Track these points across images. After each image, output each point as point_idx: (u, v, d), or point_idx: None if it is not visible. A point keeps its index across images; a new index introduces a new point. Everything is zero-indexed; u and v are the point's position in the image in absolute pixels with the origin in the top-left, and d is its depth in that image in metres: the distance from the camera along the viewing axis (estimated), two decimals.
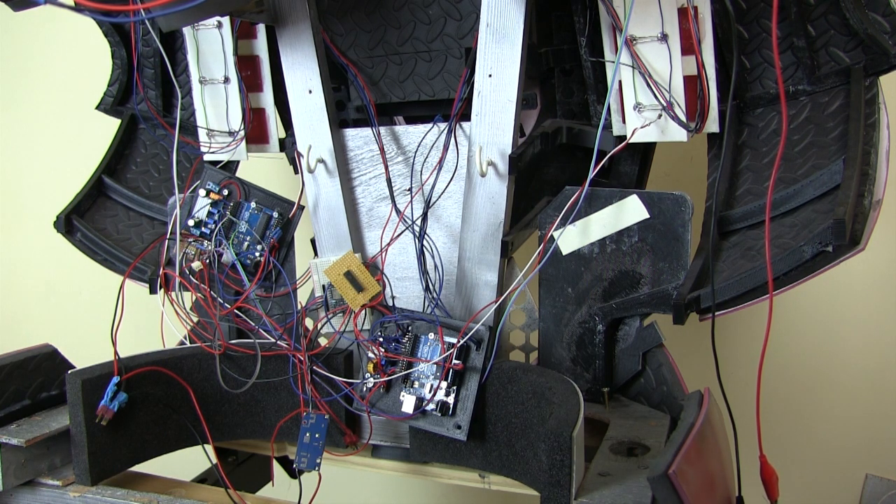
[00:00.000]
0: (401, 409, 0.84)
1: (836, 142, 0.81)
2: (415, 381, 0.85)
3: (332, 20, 0.93)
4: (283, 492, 0.98)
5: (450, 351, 0.82)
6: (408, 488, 1.71)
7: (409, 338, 0.85)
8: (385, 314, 0.86)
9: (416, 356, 0.84)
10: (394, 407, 0.84)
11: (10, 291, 1.90)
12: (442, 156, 0.89)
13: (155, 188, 1.13)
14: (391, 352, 0.85)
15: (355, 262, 0.84)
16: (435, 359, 0.83)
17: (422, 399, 0.84)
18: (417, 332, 0.85)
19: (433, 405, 0.83)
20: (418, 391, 0.84)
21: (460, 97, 0.87)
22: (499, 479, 0.87)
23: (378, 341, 0.85)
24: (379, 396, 0.85)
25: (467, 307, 0.89)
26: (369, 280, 0.84)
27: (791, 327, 1.36)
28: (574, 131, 0.93)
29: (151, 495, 0.81)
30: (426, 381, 0.84)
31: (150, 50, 1.09)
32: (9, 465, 0.81)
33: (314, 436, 0.85)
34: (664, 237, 0.83)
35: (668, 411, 0.85)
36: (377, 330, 0.86)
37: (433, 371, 0.84)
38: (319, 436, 0.85)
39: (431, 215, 0.90)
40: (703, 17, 0.81)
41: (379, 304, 0.86)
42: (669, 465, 0.59)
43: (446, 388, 0.83)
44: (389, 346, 0.85)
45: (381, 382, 0.84)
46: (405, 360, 0.84)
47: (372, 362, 0.85)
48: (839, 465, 1.37)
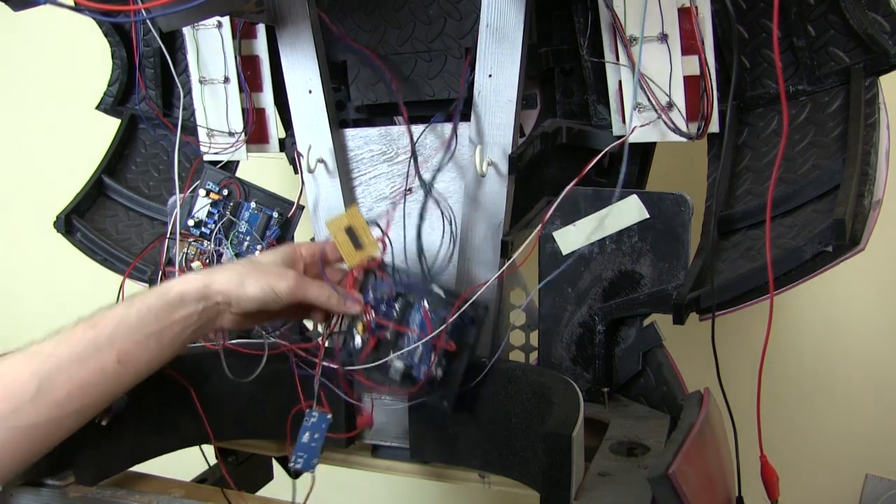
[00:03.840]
0: (388, 373, 0.80)
1: (837, 142, 0.81)
2: (403, 346, 0.80)
3: (331, 20, 0.93)
4: (284, 491, 0.98)
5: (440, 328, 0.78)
6: (408, 488, 1.71)
7: (401, 303, 0.80)
8: (382, 278, 0.81)
9: (407, 323, 0.80)
10: (380, 368, 0.80)
11: (11, 291, 1.90)
12: (444, 156, 0.89)
13: (155, 188, 1.13)
14: (381, 316, 0.80)
15: (359, 220, 0.79)
16: (423, 332, 0.79)
17: (410, 367, 0.79)
18: (411, 299, 0.80)
19: (420, 375, 0.79)
20: (408, 359, 0.80)
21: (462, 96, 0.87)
22: (499, 479, 0.87)
23: (369, 303, 0.80)
24: (370, 360, 0.80)
25: None
26: (370, 239, 0.79)
27: (791, 327, 1.36)
28: (574, 131, 0.93)
29: (151, 495, 0.81)
30: (414, 350, 0.79)
31: (150, 50, 1.09)
32: None
33: (314, 436, 0.84)
34: (664, 237, 0.83)
35: (668, 411, 0.85)
36: (370, 291, 0.81)
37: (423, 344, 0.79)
38: (319, 436, 0.84)
39: (430, 215, 0.90)
40: (703, 17, 0.81)
41: (376, 266, 0.81)
42: (669, 465, 0.59)
43: (437, 360, 0.79)
44: (379, 309, 0.80)
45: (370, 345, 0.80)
46: (393, 327, 0.80)
47: (362, 323, 0.80)
48: (839, 465, 1.37)
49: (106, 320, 0.70)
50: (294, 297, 0.74)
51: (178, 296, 0.72)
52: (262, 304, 0.74)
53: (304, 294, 0.75)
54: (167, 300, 0.72)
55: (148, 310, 0.71)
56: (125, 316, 0.71)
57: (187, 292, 0.72)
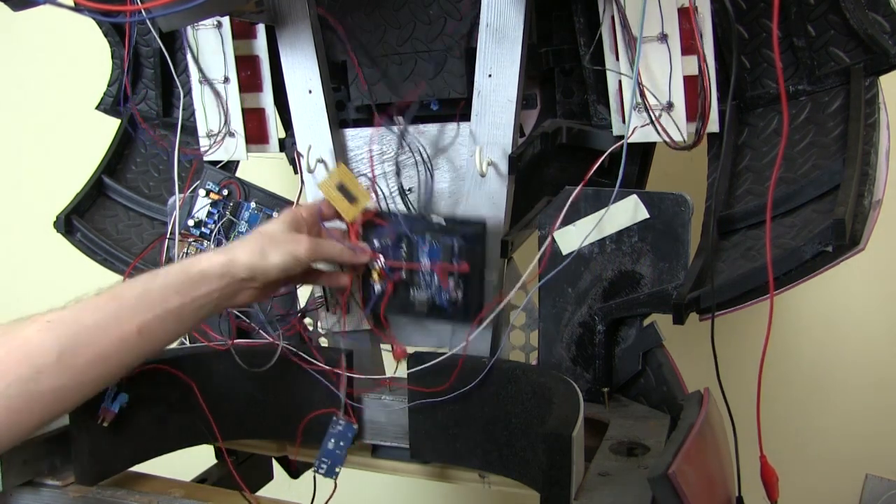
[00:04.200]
0: (414, 308, 0.86)
1: (837, 142, 0.81)
2: (420, 281, 0.87)
3: (331, 20, 0.93)
4: (283, 491, 0.97)
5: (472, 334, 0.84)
6: (408, 488, 1.71)
7: (406, 242, 0.86)
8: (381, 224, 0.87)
9: (417, 259, 0.86)
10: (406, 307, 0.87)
11: (11, 291, 1.90)
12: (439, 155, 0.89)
13: (155, 188, 1.13)
14: (391, 259, 0.86)
15: (347, 175, 0.85)
16: (435, 259, 0.85)
17: (432, 297, 0.86)
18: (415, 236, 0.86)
19: (443, 301, 0.85)
20: (426, 291, 0.86)
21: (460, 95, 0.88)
22: (499, 479, 0.87)
23: (376, 250, 0.86)
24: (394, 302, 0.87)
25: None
26: (360, 190, 0.85)
27: (791, 327, 1.36)
28: (574, 131, 0.93)
29: (151, 495, 0.81)
30: (431, 280, 0.86)
31: (150, 50, 1.09)
32: (9, 465, 0.81)
33: (339, 443, 0.85)
34: (664, 237, 0.83)
35: (668, 411, 0.85)
36: (374, 240, 0.86)
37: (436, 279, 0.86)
38: (344, 444, 0.85)
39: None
40: (703, 17, 0.81)
41: (373, 214, 0.86)
42: (669, 465, 0.59)
43: (454, 284, 0.85)
44: (388, 253, 0.86)
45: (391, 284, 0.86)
46: (405, 266, 0.86)
47: (375, 270, 0.86)
48: (839, 465, 1.37)
49: (130, 291, 0.71)
50: (313, 259, 0.78)
51: (200, 273, 0.73)
52: (285, 271, 0.76)
53: (321, 254, 0.79)
54: (190, 276, 0.73)
55: (170, 285, 0.72)
56: (148, 289, 0.71)
57: (210, 269, 0.73)
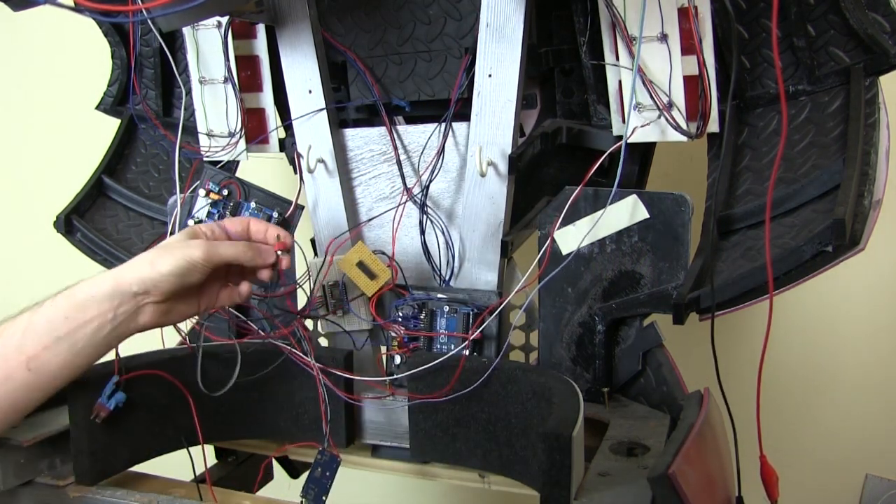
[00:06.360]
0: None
1: (837, 142, 0.81)
2: (436, 348, 0.91)
3: (331, 20, 0.93)
4: (283, 492, 0.98)
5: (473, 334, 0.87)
6: (408, 488, 1.71)
7: (425, 313, 0.90)
8: (402, 295, 0.92)
9: (435, 329, 0.90)
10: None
11: (11, 291, 1.90)
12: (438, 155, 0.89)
13: (155, 188, 1.13)
14: (411, 329, 0.91)
15: (366, 252, 0.88)
16: (453, 330, 0.89)
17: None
18: (433, 308, 0.90)
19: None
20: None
21: (457, 95, 0.87)
22: (499, 479, 0.87)
23: (398, 322, 0.91)
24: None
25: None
26: (380, 267, 0.88)
27: (791, 327, 1.36)
28: (574, 131, 0.93)
29: (151, 495, 0.81)
30: (446, 348, 0.90)
31: (150, 50, 1.09)
32: (9, 464, 0.81)
33: (325, 473, 0.85)
34: (664, 237, 0.83)
35: (668, 411, 0.85)
36: (394, 311, 0.92)
37: (453, 340, 0.89)
38: (330, 474, 0.86)
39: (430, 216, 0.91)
40: (703, 17, 0.81)
41: (392, 287, 0.91)
42: (669, 465, 0.59)
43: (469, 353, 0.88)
44: (409, 324, 0.91)
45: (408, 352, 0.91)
46: (424, 335, 0.90)
47: (396, 340, 0.92)
48: (839, 465, 1.37)
49: (11, 328, 0.69)
50: (210, 261, 0.73)
51: (87, 296, 0.70)
52: (180, 278, 0.71)
53: (217, 254, 0.73)
54: (76, 301, 0.70)
55: (56, 313, 0.69)
56: (31, 322, 0.69)
57: (97, 290, 0.70)
